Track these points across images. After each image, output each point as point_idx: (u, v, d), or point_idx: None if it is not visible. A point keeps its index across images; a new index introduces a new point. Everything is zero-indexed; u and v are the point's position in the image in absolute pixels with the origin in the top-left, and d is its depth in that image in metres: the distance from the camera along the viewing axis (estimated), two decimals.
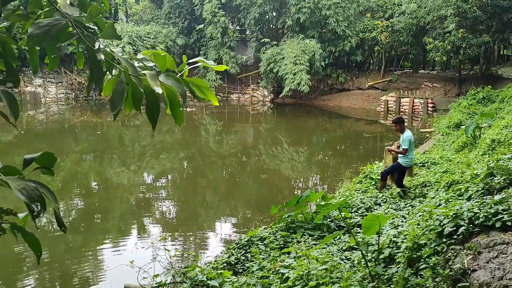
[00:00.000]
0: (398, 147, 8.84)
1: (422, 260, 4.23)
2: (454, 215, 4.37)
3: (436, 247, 4.25)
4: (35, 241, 1.54)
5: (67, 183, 12.92)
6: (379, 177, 9.09)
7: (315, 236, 6.19)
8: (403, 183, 8.65)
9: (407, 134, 8.54)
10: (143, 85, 1.81)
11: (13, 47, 1.88)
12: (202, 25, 33.99)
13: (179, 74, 2.05)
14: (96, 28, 1.90)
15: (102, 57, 1.75)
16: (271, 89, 33.74)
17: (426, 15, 26.01)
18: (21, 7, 1.89)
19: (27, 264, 7.69)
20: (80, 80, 32.84)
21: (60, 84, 32.90)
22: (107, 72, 1.90)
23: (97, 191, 12.73)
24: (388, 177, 9.07)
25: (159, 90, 1.78)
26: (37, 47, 1.94)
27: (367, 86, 31.41)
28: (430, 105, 26.10)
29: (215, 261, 5.73)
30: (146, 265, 4.77)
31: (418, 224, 4.98)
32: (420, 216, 5.50)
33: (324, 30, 32.22)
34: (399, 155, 8.65)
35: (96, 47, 1.74)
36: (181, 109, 1.96)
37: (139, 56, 2.08)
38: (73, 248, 8.50)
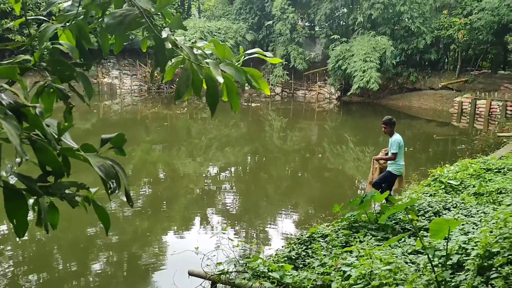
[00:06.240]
0: (386, 154, 8.15)
1: (494, 269, 3.99)
2: None
3: (510, 256, 3.98)
4: (104, 213, 1.62)
5: (137, 171, 13.51)
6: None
7: (378, 237, 6.02)
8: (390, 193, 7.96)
9: (396, 137, 7.88)
10: (203, 73, 1.86)
11: (88, 32, 1.99)
12: (271, 21, 34.12)
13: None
14: (163, 18, 2.00)
15: (169, 45, 1.82)
16: (338, 87, 33.14)
17: (509, 12, 24.37)
18: None
19: (96, 245, 8.14)
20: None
21: (134, 76, 34.49)
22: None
23: (164, 179, 13.19)
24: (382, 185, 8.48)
25: (221, 79, 1.83)
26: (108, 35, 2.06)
27: (440, 86, 29.98)
28: (509, 108, 24.47)
29: (275, 254, 5.74)
30: (210, 253, 4.87)
31: (491, 232, 4.69)
32: (493, 223, 5.17)
33: (396, 27, 31.14)
34: (389, 163, 7.95)
35: (164, 35, 1.80)
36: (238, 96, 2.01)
37: (200, 44, 2.13)
38: (140, 232, 8.87)
